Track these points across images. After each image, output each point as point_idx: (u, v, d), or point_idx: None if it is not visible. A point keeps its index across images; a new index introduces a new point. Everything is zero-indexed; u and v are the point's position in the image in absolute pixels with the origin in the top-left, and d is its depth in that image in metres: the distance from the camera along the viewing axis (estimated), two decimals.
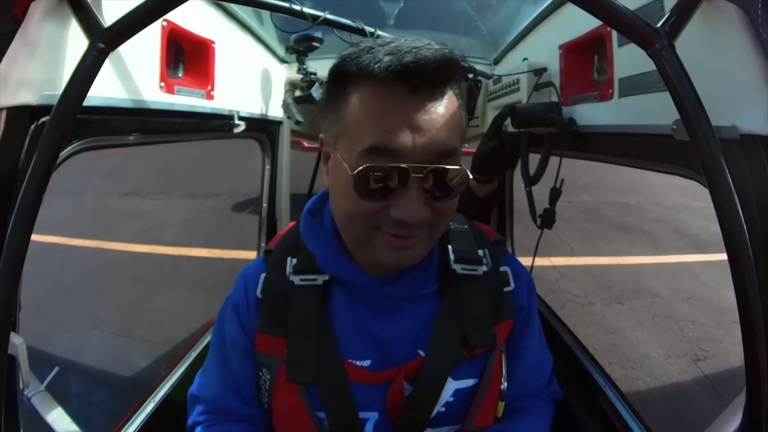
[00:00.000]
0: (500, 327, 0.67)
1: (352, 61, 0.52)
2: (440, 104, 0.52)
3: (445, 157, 0.52)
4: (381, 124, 0.51)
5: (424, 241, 0.57)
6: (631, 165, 0.80)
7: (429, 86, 0.51)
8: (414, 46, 0.50)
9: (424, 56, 0.49)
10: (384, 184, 0.51)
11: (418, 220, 0.52)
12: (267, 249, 0.71)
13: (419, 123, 0.50)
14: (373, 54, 0.51)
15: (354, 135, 0.53)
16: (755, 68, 0.48)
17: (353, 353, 0.62)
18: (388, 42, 0.52)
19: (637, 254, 4.01)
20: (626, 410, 0.84)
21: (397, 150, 0.50)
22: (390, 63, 0.49)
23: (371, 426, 0.62)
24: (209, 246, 3.87)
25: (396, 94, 0.50)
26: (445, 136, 0.52)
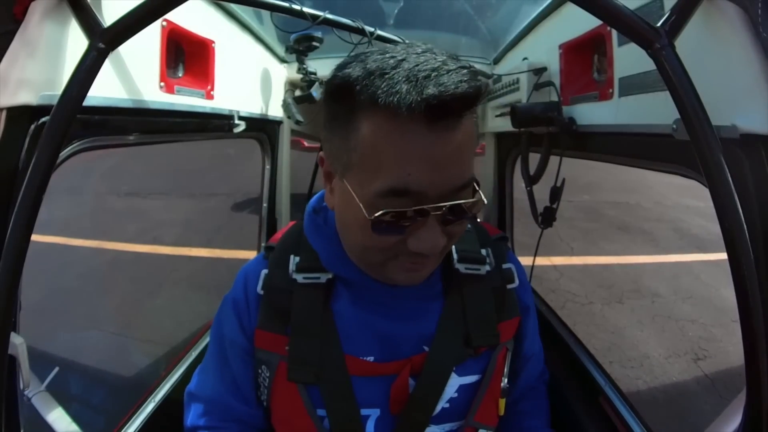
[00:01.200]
0: (504, 325, 0.67)
1: (361, 85, 0.46)
2: (459, 133, 0.47)
3: (464, 188, 0.50)
4: (399, 164, 0.46)
5: (436, 261, 0.57)
6: (631, 164, 0.80)
7: (449, 117, 0.45)
8: (434, 69, 0.44)
9: (446, 86, 0.43)
10: (403, 221, 0.49)
11: (436, 250, 0.51)
12: (268, 246, 0.71)
13: (439, 159, 0.46)
14: (386, 81, 0.44)
15: (367, 172, 0.48)
16: (755, 67, 0.48)
17: (357, 349, 0.62)
18: (399, 60, 0.46)
19: (637, 254, 4.01)
20: (626, 410, 0.84)
21: (416, 191, 0.47)
22: (410, 95, 0.43)
23: (373, 423, 0.62)
24: (209, 246, 3.87)
25: (414, 128, 0.45)
26: (465, 169, 0.49)
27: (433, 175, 0.47)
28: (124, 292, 3.07)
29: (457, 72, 0.45)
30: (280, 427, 0.65)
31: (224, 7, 1.07)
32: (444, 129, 0.45)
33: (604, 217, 4.98)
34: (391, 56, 0.47)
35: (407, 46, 0.49)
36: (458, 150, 0.47)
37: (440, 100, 0.43)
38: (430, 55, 0.47)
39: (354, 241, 0.55)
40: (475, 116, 0.50)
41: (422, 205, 0.48)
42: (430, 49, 0.49)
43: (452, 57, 0.48)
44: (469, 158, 0.50)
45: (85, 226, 4.11)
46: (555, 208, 1.07)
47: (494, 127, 1.48)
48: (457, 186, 0.49)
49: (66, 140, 0.54)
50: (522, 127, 1.02)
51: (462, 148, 0.47)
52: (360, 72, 0.46)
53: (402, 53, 0.47)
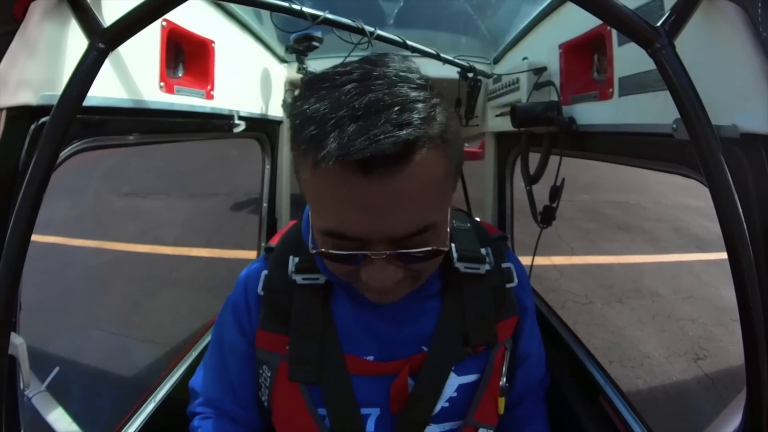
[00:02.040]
0: (503, 324, 0.67)
1: (298, 131, 0.45)
2: (403, 180, 0.42)
3: (414, 235, 0.46)
4: (332, 210, 0.45)
5: (407, 287, 0.54)
6: (631, 164, 0.80)
7: (385, 167, 0.42)
8: (370, 108, 0.41)
9: (377, 139, 0.40)
10: (348, 258, 0.49)
11: (388, 286, 0.50)
12: (268, 246, 0.71)
13: (376, 208, 0.43)
14: (316, 132, 0.42)
15: (312, 209, 0.49)
16: (755, 67, 0.48)
17: (356, 349, 0.62)
18: (341, 95, 0.43)
19: (637, 253, 4.01)
20: (626, 409, 0.84)
21: (353, 236, 0.46)
22: (335, 152, 0.40)
23: (373, 422, 0.62)
24: (209, 246, 3.87)
25: (348, 178, 0.42)
26: (411, 217, 0.45)
27: (372, 223, 0.44)
28: (124, 292, 3.07)
29: (405, 110, 0.42)
30: (281, 426, 0.65)
31: (224, 7, 1.07)
32: (379, 179, 0.42)
33: (604, 216, 4.98)
34: (339, 88, 0.44)
35: (358, 67, 0.45)
36: (401, 197, 0.43)
37: (370, 154, 0.40)
38: (386, 85, 0.43)
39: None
40: (444, 152, 0.46)
41: (364, 249, 0.47)
42: (402, 69, 0.46)
43: (422, 84, 0.46)
44: (422, 205, 0.45)
45: (85, 226, 4.11)
46: (555, 207, 1.07)
47: (494, 126, 1.48)
48: (401, 235, 0.46)
49: (66, 140, 0.54)
50: (522, 126, 1.02)
51: (407, 195, 0.43)
52: (300, 118, 0.45)
53: (352, 86, 0.43)
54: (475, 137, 2.07)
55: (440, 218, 0.49)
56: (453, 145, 0.48)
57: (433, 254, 0.49)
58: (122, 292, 3.07)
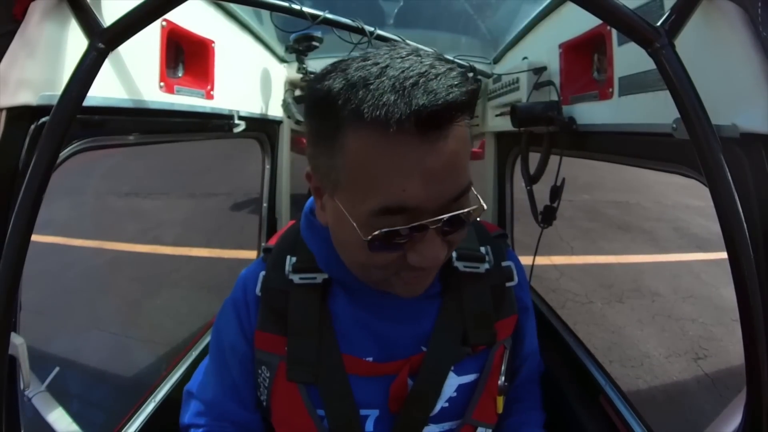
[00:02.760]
0: (502, 323, 0.67)
1: (344, 98, 0.43)
2: (452, 141, 0.44)
3: (461, 196, 0.47)
4: (392, 181, 0.43)
5: (436, 271, 0.56)
6: (631, 164, 0.81)
7: (441, 125, 0.43)
8: (421, 74, 0.41)
9: (437, 94, 0.40)
10: (401, 238, 0.47)
11: (438, 262, 0.50)
12: (266, 247, 0.71)
13: (433, 170, 0.43)
14: (371, 92, 0.41)
15: (358, 191, 0.46)
16: (755, 67, 0.48)
17: (355, 349, 0.62)
18: (382, 66, 0.43)
19: (637, 253, 4.01)
20: (626, 409, 0.84)
21: (413, 207, 0.44)
22: (397, 107, 0.40)
23: (372, 423, 0.62)
24: (209, 246, 3.87)
25: (405, 140, 0.41)
26: (461, 176, 0.46)
27: (429, 188, 0.44)
28: (124, 293, 3.07)
29: (446, 76, 0.43)
30: (281, 427, 0.65)
31: (224, 6, 1.07)
32: (437, 139, 0.43)
33: (604, 216, 4.98)
34: (374, 63, 0.43)
35: (391, 49, 0.46)
36: (453, 158, 0.44)
37: (431, 110, 0.40)
38: (416, 58, 0.44)
39: (352, 259, 0.54)
40: (467, 119, 0.47)
41: (419, 220, 0.45)
42: (416, 50, 0.46)
43: (440, 57, 0.46)
44: (465, 164, 0.47)
45: (85, 227, 4.11)
46: (555, 207, 1.07)
47: (494, 126, 1.48)
48: (454, 196, 0.46)
49: (66, 140, 0.55)
50: (522, 126, 1.02)
51: (456, 155, 0.45)
52: (341, 84, 0.43)
53: (385, 58, 0.44)
54: (475, 137, 2.07)
55: (470, 183, 0.49)
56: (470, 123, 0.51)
57: (476, 214, 0.50)
58: (122, 292, 3.07)
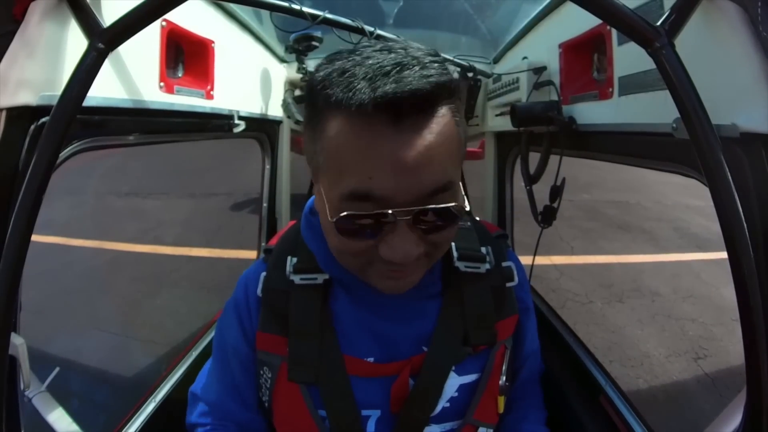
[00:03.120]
0: (503, 323, 0.67)
1: (322, 84, 0.45)
2: (429, 133, 0.44)
3: (437, 192, 0.46)
4: (359, 167, 0.44)
5: (421, 269, 0.54)
6: (631, 164, 0.80)
7: (415, 115, 0.43)
8: (397, 64, 0.42)
9: (408, 82, 0.41)
10: (369, 226, 0.47)
11: (409, 259, 0.48)
12: (267, 248, 0.71)
13: (404, 161, 0.43)
14: (346, 79, 0.43)
15: (332, 174, 0.47)
16: (755, 66, 0.48)
17: (356, 350, 0.62)
18: (365, 57, 0.44)
19: (637, 253, 4.01)
20: (627, 409, 0.84)
21: (380, 196, 0.44)
22: (366, 93, 0.41)
23: (373, 424, 0.62)
24: (209, 246, 3.87)
25: (376, 128, 0.43)
26: (437, 171, 0.45)
27: (398, 178, 0.44)
28: (124, 293, 3.07)
29: (425, 67, 0.43)
30: (282, 427, 0.65)
31: (224, 7, 1.07)
32: (411, 130, 0.43)
33: (604, 216, 4.98)
34: (360, 54, 0.45)
35: (385, 43, 0.47)
36: (427, 151, 0.44)
37: (393, 97, 0.41)
38: (402, 51, 0.45)
39: (330, 244, 0.54)
40: (454, 107, 0.48)
41: (388, 209, 0.45)
42: (408, 45, 0.46)
43: (429, 53, 0.46)
44: (445, 160, 0.46)
45: (85, 227, 4.11)
46: (555, 207, 1.07)
47: (494, 126, 1.48)
48: (427, 191, 0.45)
49: (66, 140, 0.55)
50: (522, 126, 1.02)
51: (433, 149, 0.44)
52: (324, 72, 0.46)
53: (372, 51, 0.45)
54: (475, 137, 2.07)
55: (457, 179, 0.49)
56: (462, 120, 0.50)
57: (454, 215, 0.49)
58: (122, 292, 3.07)
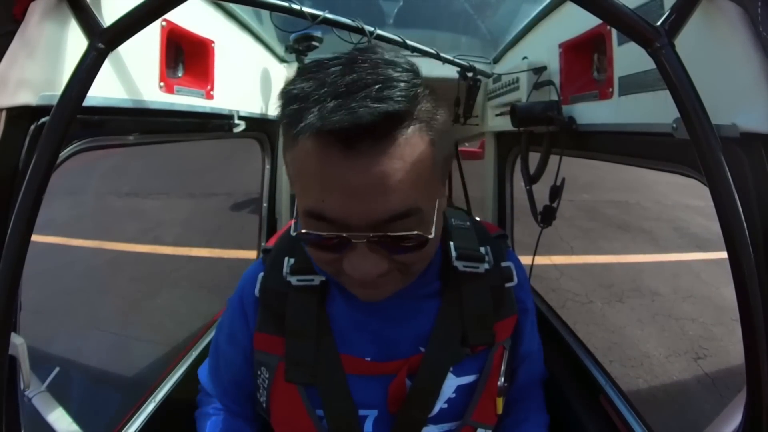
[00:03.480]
0: (501, 324, 0.67)
1: (284, 104, 0.46)
2: (386, 159, 0.42)
3: (396, 219, 0.45)
4: (313, 189, 0.45)
5: (395, 282, 0.53)
6: (631, 164, 0.80)
7: (368, 142, 0.42)
8: (350, 90, 0.41)
9: (355, 113, 0.40)
10: (330, 243, 0.47)
11: (370, 277, 0.48)
12: (265, 248, 0.71)
13: (354, 187, 0.43)
14: (300, 104, 0.43)
15: (296, 189, 0.48)
16: (755, 66, 0.48)
17: (353, 349, 0.62)
18: (326, 77, 0.43)
19: (637, 252, 4.02)
20: (627, 409, 0.84)
21: (332, 218, 0.45)
22: (314, 123, 0.41)
23: (371, 423, 0.62)
24: (209, 246, 3.87)
25: (327, 153, 0.42)
26: (393, 199, 0.44)
27: (351, 204, 0.44)
28: (124, 293, 3.07)
29: (385, 90, 0.41)
30: (280, 428, 0.65)
31: (224, 6, 1.07)
32: (361, 155, 0.42)
33: (603, 216, 4.98)
34: (324, 71, 0.44)
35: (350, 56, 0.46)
36: (382, 178, 0.43)
37: (348, 126, 0.40)
38: (368, 71, 0.43)
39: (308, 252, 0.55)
40: (429, 136, 0.46)
41: (343, 231, 0.45)
42: (383, 60, 0.45)
43: (406, 68, 0.45)
44: (404, 187, 0.44)
45: (85, 227, 4.11)
46: (555, 207, 1.07)
47: (494, 126, 1.48)
48: (384, 217, 0.44)
49: (66, 140, 0.55)
50: (522, 126, 1.02)
51: (389, 176, 0.43)
52: (288, 91, 0.45)
53: (337, 68, 0.44)
54: (475, 137, 2.07)
55: (425, 206, 0.47)
56: (441, 134, 0.48)
57: (417, 242, 0.47)
58: (122, 292, 3.07)
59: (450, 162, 0.54)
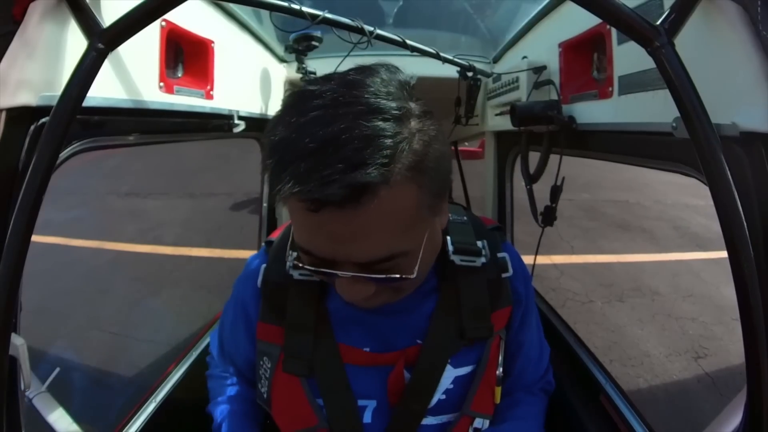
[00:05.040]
0: (497, 314, 0.67)
1: (266, 155, 0.45)
2: (365, 216, 0.42)
3: (380, 262, 0.47)
4: (301, 232, 0.49)
5: (386, 297, 0.55)
6: (631, 163, 0.80)
7: (341, 208, 0.42)
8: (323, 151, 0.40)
9: (328, 190, 0.39)
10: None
11: (357, 299, 0.51)
12: (268, 240, 0.72)
13: (338, 236, 0.44)
14: (276, 163, 0.42)
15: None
16: (755, 66, 0.48)
17: (351, 340, 0.63)
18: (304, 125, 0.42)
19: (637, 252, 4.01)
20: (627, 408, 0.84)
21: (320, 257, 0.48)
22: (287, 189, 0.41)
23: (370, 413, 0.63)
24: (209, 246, 3.87)
25: (309, 209, 0.43)
26: (373, 247, 0.46)
27: (335, 248, 0.46)
28: (124, 293, 3.07)
29: (356, 152, 0.40)
30: (281, 417, 0.66)
31: (223, 6, 1.07)
32: (341, 211, 0.42)
33: (604, 215, 4.98)
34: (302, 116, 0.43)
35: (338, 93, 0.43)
36: (362, 229, 0.44)
37: (312, 197, 0.40)
38: (350, 118, 0.41)
39: None
40: (416, 180, 0.45)
41: (332, 266, 0.48)
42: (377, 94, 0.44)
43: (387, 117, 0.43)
44: (385, 237, 0.45)
45: (85, 227, 4.11)
46: (555, 206, 1.07)
47: (494, 125, 1.48)
48: (365, 261, 0.47)
49: (66, 141, 0.54)
50: (522, 125, 1.02)
51: (366, 229, 0.44)
52: (268, 143, 0.45)
53: (317, 114, 0.42)
54: (475, 136, 2.07)
55: (411, 247, 0.49)
56: (432, 172, 0.47)
57: (398, 279, 0.49)
58: (122, 292, 3.07)
59: (447, 186, 0.54)
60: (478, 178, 1.73)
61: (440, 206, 0.54)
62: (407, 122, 0.45)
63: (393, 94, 0.45)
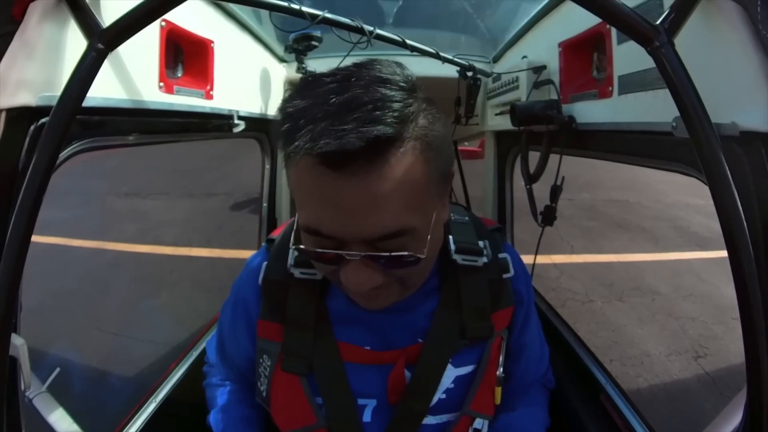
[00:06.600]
0: (498, 315, 0.67)
1: (279, 123, 0.46)
2: (377, 179, 0.43)
3: (390, 237, 0.46)
4: (308, 206, 0.47)
5: (393, 294, 0.54)
6: (631, 162, 0.80)
7: (359, 163, 0.42)
8: (340, 112, 0.41)
9: (344, 138, 0.40)
10: (327, 256, 0.49)
11: (365, 289, 0.49)
12: (269, 238, 0.72)
13: (347, 206, 0.44)
14: (292, 125, 0.44)
15: (296, 203, 0.50)
16: (755, 65, 0.48)
17: (351, 338, 0.63)
18: (318, 95, 0.43)
19: (637, 251, 4.01)
20: (627, 407, 0.85)
21: (327, 234, 0.46)
22: (304, 147, 0.42)
23: (369, 412, 0.63)
24: (209, 246, 3.87)
25: (320, 172, 0.43)
26: (384, 218, 0.44)
27: (344, 221, 0.45)
28: (124, 293, 3.07)
29: (376, 111, 0.42)
30: (280, 415, 0.66)
31: (223, 6, 1.07)
32: (353, 176, 0.42)
33: (604, 215, 4.98)
34: (317, 88, 0.44)
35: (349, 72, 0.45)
36: (374, 198, 0.43)
37: (338, 151, 0.40)
38: (362, 89, 0.43)
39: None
40: (426, 153, 0.46)
41: (337, 247, 0.47)
42: (380, 75, 0.45)
43: (401, 84, 0.45)
44: (396, 207, 0.45)
45: (85, 227, 4.11)
46: (555, 206, 1.07)
47: (494, 125, 1.48)
48: (376, 236, 0.45)
49: (65, 141, 0.54)
50: (522, 125, 1.02)
51: (380, 195, 0.43)
52: (283, 113, 0.46)
53: (330, 86, 0.44)
54: (475, 136, 2.07)
55: (420, 224, 0.47)
56: (438, 151, 0.48)
57: (409, 260, 0.48)
58: (122, 293, 3.07)
59: (450, 175, 0.54)
60: (478, 178, 1.73)
61: (444, 194, 0.54)
62: (415, 96, 0.47)
63: (400, 74, 0.48)
